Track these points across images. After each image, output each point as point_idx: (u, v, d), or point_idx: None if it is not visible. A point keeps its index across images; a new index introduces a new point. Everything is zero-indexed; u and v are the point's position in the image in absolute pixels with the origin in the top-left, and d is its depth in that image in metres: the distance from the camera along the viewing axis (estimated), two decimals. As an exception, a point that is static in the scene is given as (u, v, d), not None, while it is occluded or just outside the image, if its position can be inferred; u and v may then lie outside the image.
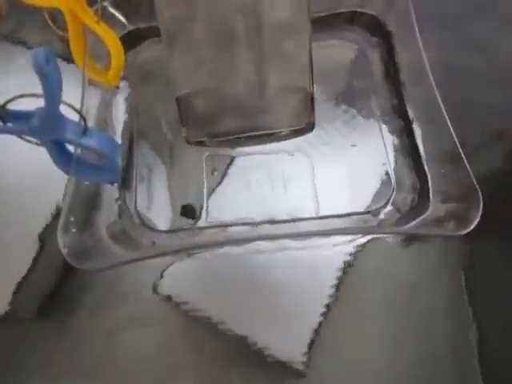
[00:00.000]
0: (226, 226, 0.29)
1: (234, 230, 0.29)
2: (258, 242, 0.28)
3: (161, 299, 0.30)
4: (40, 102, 0.23)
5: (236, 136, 0.33)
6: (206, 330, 0.29)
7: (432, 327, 0.29)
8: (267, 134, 0.33)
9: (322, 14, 0.36)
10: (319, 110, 0.33)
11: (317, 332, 0.29)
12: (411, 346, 0.29)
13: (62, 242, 0.25)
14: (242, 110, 0.32)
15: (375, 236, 0.30)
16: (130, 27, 0.35)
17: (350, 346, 0.29)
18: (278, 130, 0.33)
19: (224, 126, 0.33)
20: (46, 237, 0.33)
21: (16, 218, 0.34)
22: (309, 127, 0.34)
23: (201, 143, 0.33)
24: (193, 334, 0.30)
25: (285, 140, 0.33)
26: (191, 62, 0.29)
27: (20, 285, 0.32)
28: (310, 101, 0.33)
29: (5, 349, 0.31)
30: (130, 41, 0.35)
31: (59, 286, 0.32)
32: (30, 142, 0.24)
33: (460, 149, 0.28)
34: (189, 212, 0.31)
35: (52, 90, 0.23)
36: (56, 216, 0.33)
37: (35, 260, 0.32)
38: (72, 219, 0.26)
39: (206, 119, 0.33)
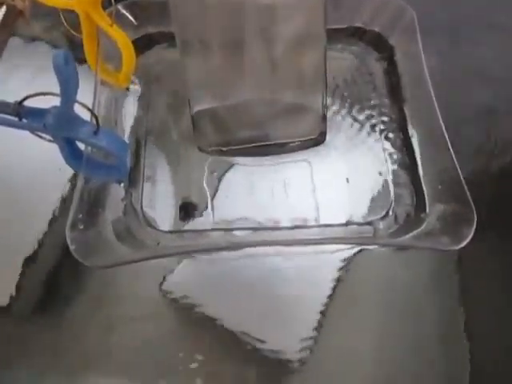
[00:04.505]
0: (230, 229, 0.30)
1: (237, 234, 0.30)
2: (259, 247, 0.29)
3: (160, 296, 0.31)
4: (55, 101, 0.24)
5: (248, 145, 0.33)
6: (204, 326, 0.30)
7: (424, 328, 0.30)
8: (278, 144, 0.34)
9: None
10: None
11: (313, 330, 0.29)
12: (403, 345, 0.30)
13: (70, 239, 0.25)
14: (254, 122, 0.33)
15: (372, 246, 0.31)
16: (142, 31, 0.36)
17: (344, 345, 0.30)
18: (289, 140, 0.34)
19: (236, 136, 0.33)
20: (45, 232, 0.33)
21: (16, 215, 0.34)
22: (321, 138, 0.34)
23: (212, 152, 0.34)
24: (190, 331, 0.30)
25: (296, 151, 0.34)
26: (205, 71, 0.30)
27: (18, 280, 0.32)
28: (323, 116, 0.33)
29: (1, 343, 0.31)
30: (142, 44, 0.35)
31: (57, 281, 0.32)
32: (43, 138, 0.25)
33: (458, 166, 0.29)
34: (188, 210, 0.32)
35: (68, 91, 0.23)
36: (56, 213, 0.33)
37: (34, 255, 0.32)
38: (80, 216, 0.26)
39: (218, 129, 0.33)
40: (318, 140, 0.34)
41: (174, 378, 0.29)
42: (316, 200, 0.32)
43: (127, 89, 0.35)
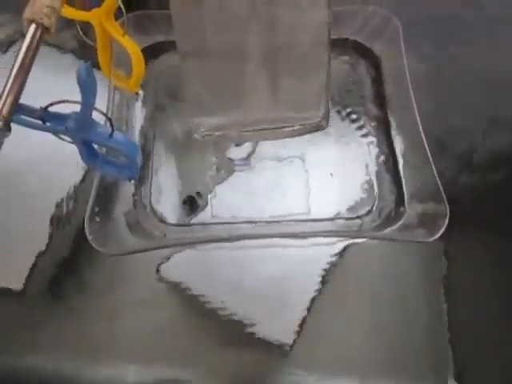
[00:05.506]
0: (230, 223, 0.33)
1: (236, 227, 0.33)
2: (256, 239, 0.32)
3: (162, 283, 0.33)
4: (73, 107, 0.27)
5: (246, 130, 0.34)
6: (203, 313, 0.32)
7: (408, 314, 0.32)
8: (278, 128, 0.34)
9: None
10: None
11: (304, 317, 0.32)
12: (389, 331, 0.32)
13: (88, 230, 0.28)
14: (253, 108, 0.33)
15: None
16: (151, 39, 0.38)
17: (333, 330, 0.32)
18: (287, 124, 0.34)
19: (234, 120, 0.34)
20: (56, 221, 0.35)
21: (29, 202, 0.36)
22: (322, 123, 0.35)
23: (206, 136, 0.35)
24: (190, 317, 0.33)
25: (296, 136, 0.35)
26: (204, 81, 0.32)
27: (32, 266, 0.34)
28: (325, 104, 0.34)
29: (13, 325, 0.33)
30: (151, 52, 0.38)
31: (68, 268, 0.34)
32: (64, 140, 0.28)
33: (434, 167, 0.31)
34: (192, 205, 0.35)
35: (88, 99, 0.26)
36: (67, 201, 0.35)
37: (47, 245, 0.34)
38: (97, 210, 0.29)
39: (217, 112, 0.34)
40: (320, 125, 0.35)
41: (173, 361, 0.31)
42: (308, 197, 0.35)
43: (137, 93, 0.37)
